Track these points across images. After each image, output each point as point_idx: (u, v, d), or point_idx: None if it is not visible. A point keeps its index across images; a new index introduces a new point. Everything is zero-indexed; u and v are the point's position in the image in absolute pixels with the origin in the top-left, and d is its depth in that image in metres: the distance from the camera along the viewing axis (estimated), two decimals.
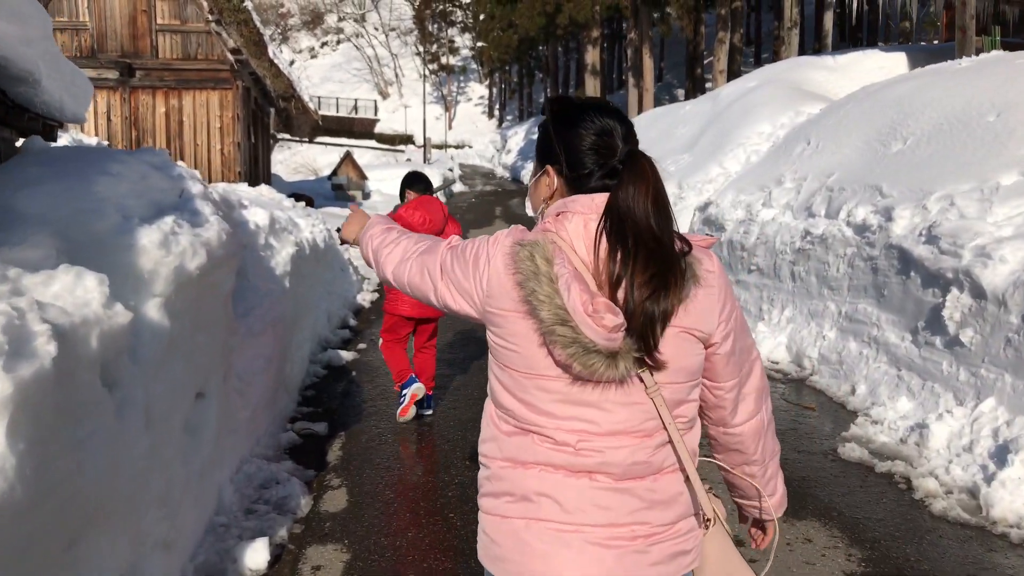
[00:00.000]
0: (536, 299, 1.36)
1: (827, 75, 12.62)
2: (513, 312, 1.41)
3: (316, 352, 6.72)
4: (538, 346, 1.39)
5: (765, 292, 7.33)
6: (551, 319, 1.34)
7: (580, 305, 1.32)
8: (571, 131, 1.47)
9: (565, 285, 1.34)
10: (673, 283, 1.37)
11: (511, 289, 1.41)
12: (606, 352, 1.33)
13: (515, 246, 1.42)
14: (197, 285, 3.12)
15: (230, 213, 4.98)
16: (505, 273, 1.42)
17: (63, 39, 15.45)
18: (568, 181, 1.49)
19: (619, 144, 1.47)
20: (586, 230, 1.42)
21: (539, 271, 1.37)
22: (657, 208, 1.39)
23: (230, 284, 3.90)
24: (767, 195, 8.00)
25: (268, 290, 5.23)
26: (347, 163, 28.31)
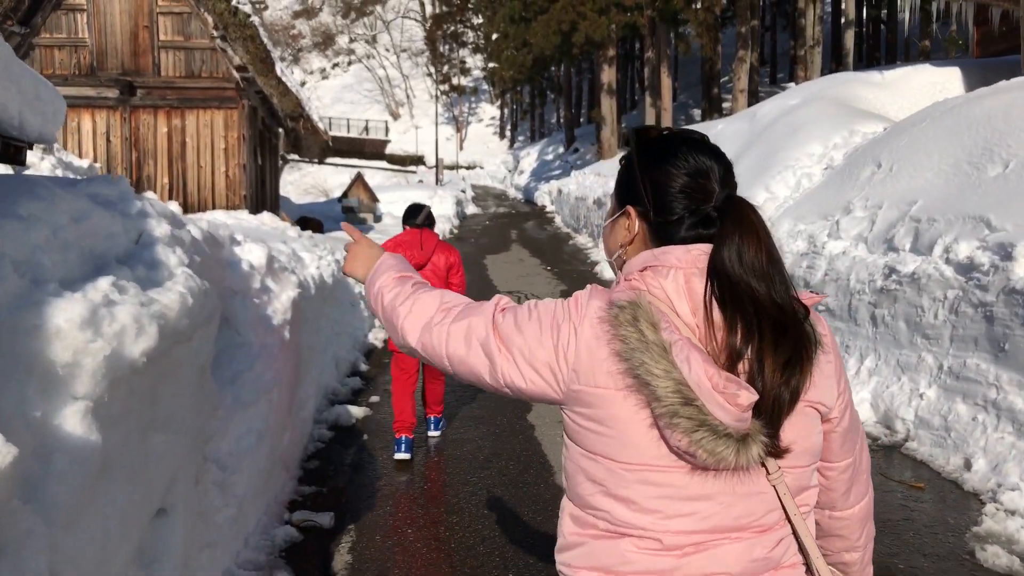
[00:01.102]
0: (649, 374, 1.12)
1: (876, 92, 11.71)
2: (611, 390, 1.18)
3: (322, 408, 5.80)
4: (646, 429, 1.17)
5: (838, 337, 6.37)
6: (672, 398, 1.11)
7: (707, 380, 1.10)
8: (659, 168, 1.28)
9: (683, 356, 1.12)
10: (807, 360, 1.19)
11: (609, 362, 1.18)
12: (737, 436, 1.12)
13: (611, 308, 1.20)
14: (150, 372, 2.21)
15: (217, 253, 4.08)
16: (599, 343, 1.19)
17: (61, 56, 14.74)
18: (653, 227, 1.29)
19: (716, 187, 1.27)
20: (688, 288, 1.21)
21: (647, 339, 1.14)
22: (773, 267, 1.19)
23: (207, 354, 2.99)
24: (833, 225, 7.06)
25: (263, 345, 4.32)
26: (358, 185, 27.56)
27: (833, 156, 9.30)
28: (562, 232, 22.09)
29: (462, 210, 28.63)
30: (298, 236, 7.87)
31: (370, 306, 1.50)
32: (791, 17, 44.04)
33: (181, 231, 3.30)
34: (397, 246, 5.17)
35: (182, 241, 3.13)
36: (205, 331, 2.89)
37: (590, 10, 30.90)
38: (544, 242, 19.43)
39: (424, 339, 1.35)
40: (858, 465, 1.37)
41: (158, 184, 15.14)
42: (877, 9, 38.54)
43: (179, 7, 14.89)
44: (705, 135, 1.34)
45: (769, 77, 46.03)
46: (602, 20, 30.89)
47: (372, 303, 1.49)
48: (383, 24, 76.42)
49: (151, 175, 15.11)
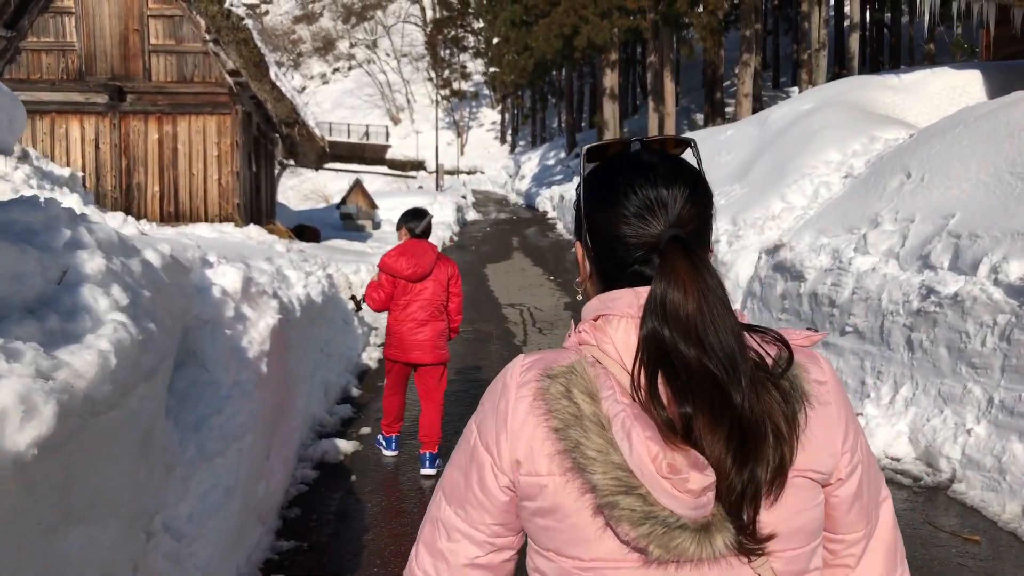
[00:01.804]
0: (583, 456, 0.92)
1: (893, 96, 11.23)
2: (555, 475, 0.95)
3: (307, 442, 5.31)
4: (592, 519, 0.94)
5: (868, 361, 5.88)
6: (609, 486, 0.90)
7: (650, 461, 0.88)
8: (602, 209, 1.04)
9: (623, 431, 0.90)
10: (757, 447, 0.91)
11: (548, 443, 0.95)
12: (695, 526, 0.90)
13: (542, 380, 0.97)
14: (60, 454, 1.72)
15: (181, 280, 3.60)
16: (534, 420, 0.97)
17: (48, 61, 14.29)
18: (598, 267, 1.07)
19: (660, 228, 1.00)
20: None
21: (582, 413, 0.93)
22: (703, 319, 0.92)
23: (153, 412, 2.50)
24: (860, 239, 6.58)
25: (235, 383, 3.83)
26: (356, 191, 27.09)
27: (853, 164, 8.81)
28: (564, 239, 21.62)
29: (463, 216, 28.17)
30: (287, 251, 7.39)
31: None
32: (793, 21, 43.66)
33: (130, 261, 2.81)
34: (401, 255, 5.04)
35: (128, 274, 2.65)
36: (150, 386, 2.41)
37: (592, 14, 30.48)
38: (546, 250, 18.96)
39: None
40: (876, 536, 1.10)
41: (149, 192, 14.68)
42: (881, 12, 38.15)
43: (170, 10, 14.44)
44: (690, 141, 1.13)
45: (772, 81, 45.62)
46: (604, 24, 30.46)
47: None
48: (383, 29, 76.13)
49: (141, 183, 14.65)
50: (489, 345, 8.63)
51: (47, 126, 14.36)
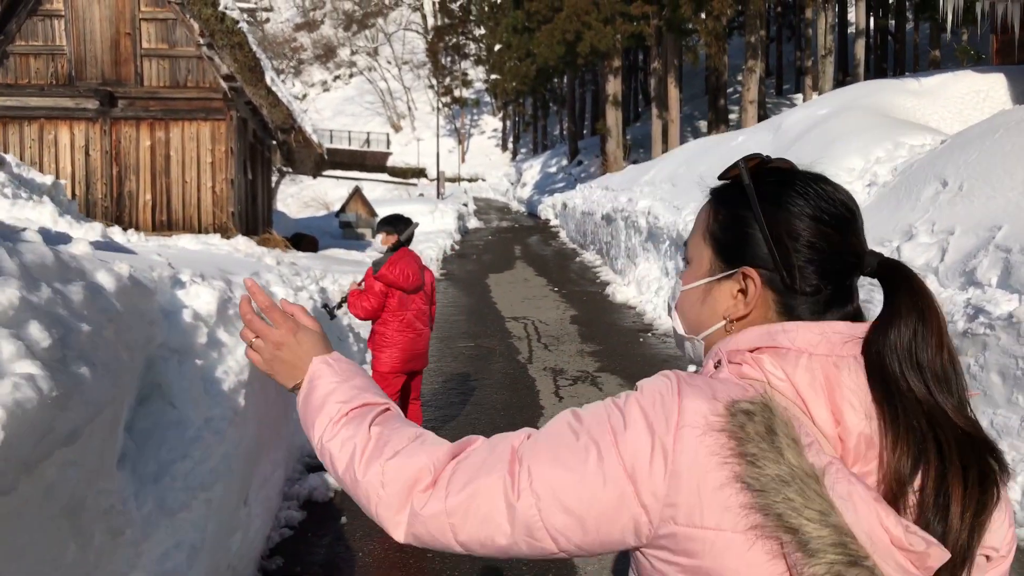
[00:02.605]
0: (797, 515, 0.76)
1: (914, 100, 10.77)
2: (727, 532, 0.80)
3: (294, 477, 4.83)
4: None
5: None
6: (831, 555, 0.76)
7: (881, 529, 0.77)
8: (787, 217, 0.93)
9: (843, 491, 0.78)
10: (996, 499, 0.83)
11: (725, 493, 0.80)
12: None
13: (733, 414, 0.81)
14: None
15: (143, 304, 3.13)
16: (711, 464, 0.81)
17: (37, 65, 13.86)
18: (781, 298, 0.92)
19: (863, 247, 0.94)
20: (828, 384, 0.85)
21: (790, 464, 0.78)
22: (955, 370, 0.84)
23: (84, 477, 2.02)
24: (893, 252, 6.10)
25: (207, 421, 3.36)
26: (356, 199, 26.67)
27: (877, 172, 8.35)
28: (568, 248, 21.17)
29: (464, 224, 27.74)
30: (277, 264, 6.92)
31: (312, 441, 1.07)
32: (797, 28, 43.34)
33: (68, 287, 2.34)
34: (403, 272, 4.94)
35: (61, 304, 2.18)
36: (79, 447, 1.93)
37: (595, 20, 30.12)
38: (549, 259, 18.51)
39: (416, 531, 0.93)
40: None
41: (140, 200, 14.24)
42: (885, 19, 37.81)
43: (163, 13, 14.03)
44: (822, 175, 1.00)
45: (775, 89, 45.30)
46: (607, 30, 30.09)
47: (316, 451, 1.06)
48: (385, 36, 75.92)
49: (133, 191, 14.21)
50: (492, 363, 8.15)
51: (35, 132, 13.93)
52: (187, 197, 14.33)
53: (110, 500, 2.41)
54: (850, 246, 0.94)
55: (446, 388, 7.23)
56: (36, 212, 6.56)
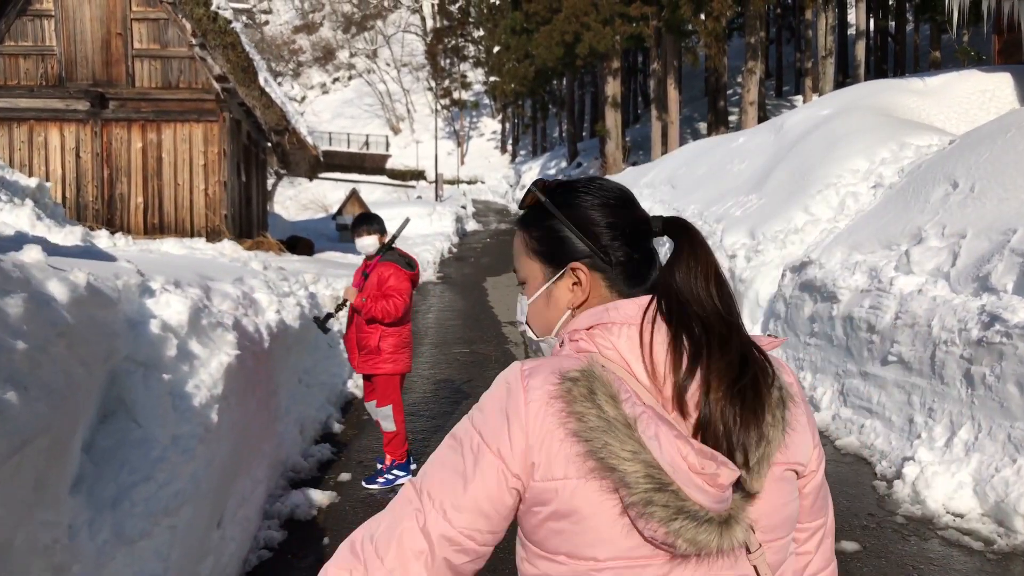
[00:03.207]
0: (614, 456, 0.94)
1: (918, 100, 10.56)
2: (572, 479, 0.98)
3: (276, 493, 4.61)
4: (615, 519, 0.97)
5: (917, 396, 5.18)
6: (643, 484, 0.94)
7: (682, 459, 0.94)
8: (581, 210, 1.14)
9: (651, 432, 0.95)
10: (766, 392, 1.02)
11: (566, 446, 0.98)
12: (719, 519, 0.96)
13: (562, 383, 0.99)
14: None
15: (104, 315, 2.91)
16: (552, 423, 0.98)
17: (27, 66, 13.65)
18: (608, 274, 1.13)
19: (647, 215, 1.15)
20: (645, 345, 1.03)
21: (607, 415, 0.96)
22: (721, 291, 1.06)
23: (16, 512, 1.80)
24: (901, 256, 5.89)
25: (174, 439, 3.13)
26: (353, 201, 26.49)
27: (882, 173, 8.13)
28: None
29: (462, 227, 27.51)
30: (264, 268, 6.69)
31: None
32: (796, 30, 43.15)
33: (5, 300, 2.12)
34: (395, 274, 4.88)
35: None
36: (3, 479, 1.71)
37: (594, 21, 29.91)
38: None
39: None
40: (828, 525, 1.20)
41: (132, 203, 14.02)
42: (885, 20, 37.63)
43: (155, 13, 13.82)
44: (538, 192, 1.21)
45: (775, 90, 45.10)
46: (606, 31, 29.88)
47: None
48: (384, 39, 75.75)
49: (124, 194, 13.99)
50: (487, 371, 7.93)
51: (25, 134, 13.71)
52: (179, 200, 14.11)
53: (53, 533, 2.19)
54: (637, 216, 1.14)
55: (438, 396, 7.00)
56: (13, 215, 6.33)
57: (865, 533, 4.21)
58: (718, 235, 9.33)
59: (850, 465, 5.30)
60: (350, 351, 5.06)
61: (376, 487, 4.85)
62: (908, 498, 4.56)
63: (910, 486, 4.61)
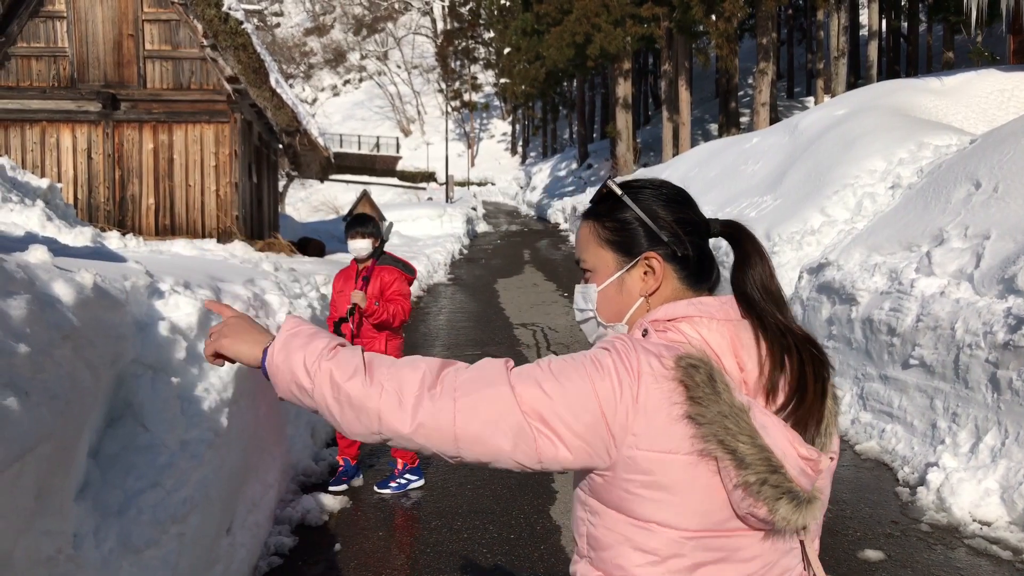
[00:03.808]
0: (736, 440, 1.04)
1: (935, 100, 10.42)
2: (680, 454, 1.06)
3: (287, 498, 4.53)
4: (715, 495, 1.08)
5: (940, 401, 5.06)
6: (760, 466, 1.04)
7: (790, 447, 1.06)
8: (656, 203, 1.23)
9: (759, 421, 1.06)
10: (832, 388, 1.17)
11: (680, 425, 1.06)
12: (806, 499, 1.08)
13: (683, 367, 1.06)
14: None
15: (110, 317, 2.84)
16: (666, 404, 1.06)
17: (39, 67, 13.66)
18: (674, 267, 1.21)
19: (705, 216, 1.25)
20: (734, 340, 1.12)
21: (729, 402, 1.05)
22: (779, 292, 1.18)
23: (16, 523, 1.72)
24: (922, 257, 5.77)
25: (183, 444, 3.06)
26: (364, 203, 26.41)
27: (900, 173, 8.01)
28: None
29: (473, 228, 27.46)
30: (275, 270, 6.63)
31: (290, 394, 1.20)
32: (807, 31, 42.89)
33: (6, 303, 2.05)
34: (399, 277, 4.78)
35: None
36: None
37: (605, 22, 29.79)
38: (559, 263, 18.18)
39: (423, 418, 1.11)
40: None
41: (143, 204, 14.01)
42: (898, 21, 37.35)
43: (166, 14, 13.81)
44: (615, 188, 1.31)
45: (786, 91, 44.85)
46: (617, 32, 29.76)
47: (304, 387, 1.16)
48: (394, 41, 75.84)
49: (135, 195, 13.98)
50: None
51: (37, 135, 13.73)
52: (191, 201, 14.09)
53: (56, 543, 2.12)
54: (699, 216, 1.23)
55: None
56: (24, 216, 6.29)
57: (889, 541, 4.11)
58: None
59: (871, 471, 5.19)
60: None
61: (388, 491, 4.77)
62: (933, 505, 4.45)
63: (934, 493, 4.50)
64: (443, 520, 4.36)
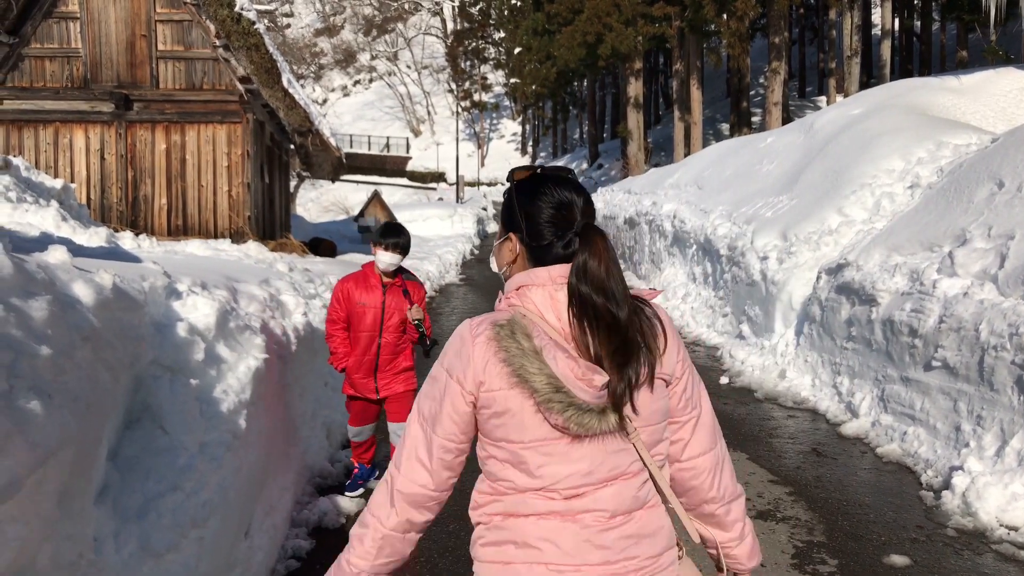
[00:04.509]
0: (527, 372, 1.45)
1: (954, 98, 10.30)
2: (504, 389, 1.48)
3: (303, 500, 4.50)
4: (532, 415, 1.48)
5: (964, 403, 4.98)
6: (546, 389, 1.45)
7: (569, 372, 1.44)
8: (532, 203, 1.58)
9: (551, 356, 1.45)
10: (635, 354, 1.49)
11: (499, 367, 1.48)
12: (597, 409, 1.46)
13: (494, 328, 1.49)
14: None
15: (129, 318, 2.81)
16: (490, 355, 1.49)
17: (52, 68, 13.69)
18: (530, 249, 1.59)
19: (577, 217, 1.58)
20: (552, 300, 1.52)
21: (523, 347, 1.46)
22: (611, 280, 1.49)
23: (35, 535, 1.69)
24: (944, 258, 5.69)
25: (202, 447, 3.03)
26: (375, 203, 26.45)
27: (919, 173, 7.91)
28: None
29: (483, 228, 27.42)
30: (289, 270, 6.60)
31: None
32: (819, 30, 42.64)
33: (29, 303, 2.01)
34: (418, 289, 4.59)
35: (15, 324, 1.85)
36: (9, 507, 1.60)
37: (616, 21, 29.69)
38: None
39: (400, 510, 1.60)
40: (700, 419, 1.66)
41: (156, 205, 14.03)
42: (911, 20, 37.10)
43: (179, 15, 13.81)
44: (572, 171, 1.66)
45: (798, 91, 44.60)
46: (629, 31, 29.64)
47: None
48: (404, 41, 75.87)
49: (148, 195, 14.00)
50: None
51: (50, 136, 13.76)
52: (203, 201, 14.10)
53: (78, 548, 2.09)
54: (567, 218, 1.55)
55: None
56: (39, 216, 6.28)
57: (915, 547, 4.04)
58: (748, 236, 9.15)
59: (893, 474, 5.12)
60: (364, 377, 4.52)
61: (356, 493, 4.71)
62: (958, 510, 4.38)
63: (960, 497, 4.42)
64: (461, 523, 4.31)
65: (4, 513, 1.54)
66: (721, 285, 9.83)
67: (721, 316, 9.59)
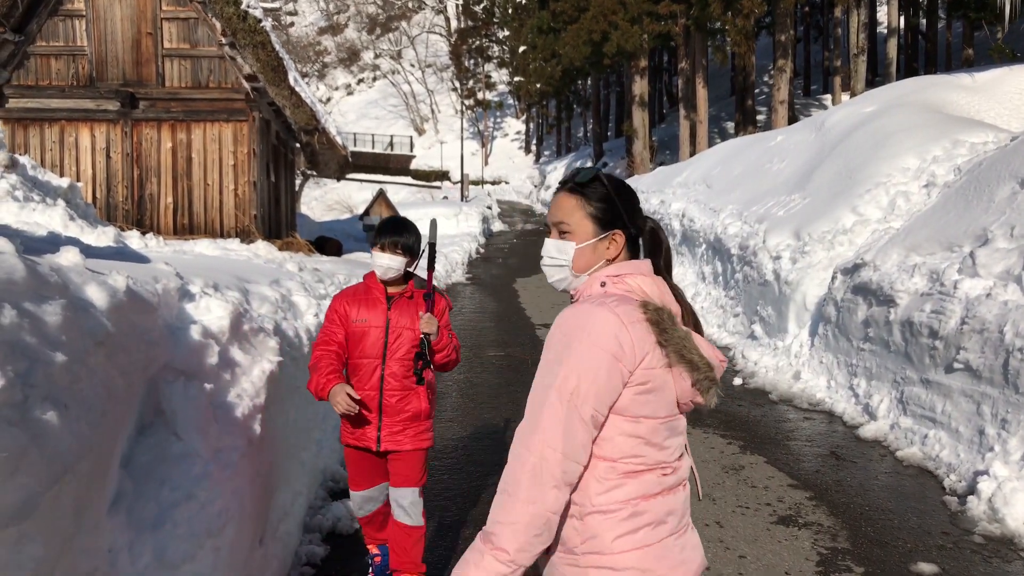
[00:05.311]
0: (689, 352, 1.61)
1: (968, 96, 10.20)
2: (657, 368, 1.60)
3: (316, 504, 4.42)
4: (671, 392, 1.64)
5: (988, 406, 4.89)
6: (705, 367, 1.63)
7: (714, 355, 1.69)
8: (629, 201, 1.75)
9: (695, 341, 1.66)
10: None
11: (656, 347, 1.59)
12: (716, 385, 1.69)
13: (651, 311, 1.60)
14: None
15: (142, 321, 2.73)
16: (648, 335, 1.59)
17: (58, 66, 13.63)
18: (628, 244, 1.74)
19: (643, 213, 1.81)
20: (659, 286, 1.69)
21: (681, 332, 1.62)
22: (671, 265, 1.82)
23: (54, 548, 1.61)
24: (965, 258, 5.59)
25: (217, 453, 2.95)
26: (380, 202, 26.36)
27: (934, 171, 7.82)
28: None
29: (488, 227, 27.35)
30: (299, 270, 6.52)
31: None
32: (824, 28, 42.46)
33: (42, 307, 1.94)
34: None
35: (30, 330, 1.77)
36: (25, 526, 1.52)
37: (622, 19, 29.59)
38: None
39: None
40: None
41: (162, 204, 13.97)
42: (916, 18, 36.92)
43: (185, 12, 13.74)
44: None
45: (803, 89, 44.44)
46: (634, 29, 29.54)
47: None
48: (408, 39, 75.79)
49: (154, 194, 13.94)
50: (524, 375, 7.71)
51: (56, 134, 13.70)
52: (209, 200, 14.03)
53: (93, 561, 2.01)
54: (642, 213, 1.78)
55: (476, 403, 6.80)
56: (46, 216, 6.22)
57: (943, 554, 3.95)
58: (760, 235, 9.05)
59: (914, 478, 5.03)
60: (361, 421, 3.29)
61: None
62: (985, 516, 4.29)
63: (986, 503, 4.34)
64: (477, 527, 4.23)
65: (21, 532, 1.46)
66: (732, 285, 9.74)
67: (732, 316, 9.50)
